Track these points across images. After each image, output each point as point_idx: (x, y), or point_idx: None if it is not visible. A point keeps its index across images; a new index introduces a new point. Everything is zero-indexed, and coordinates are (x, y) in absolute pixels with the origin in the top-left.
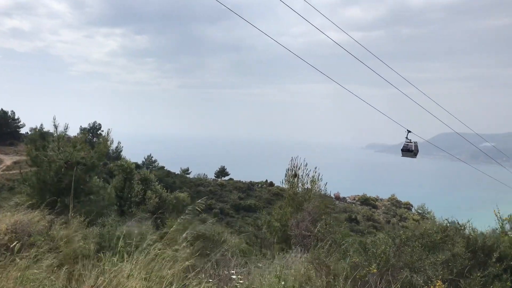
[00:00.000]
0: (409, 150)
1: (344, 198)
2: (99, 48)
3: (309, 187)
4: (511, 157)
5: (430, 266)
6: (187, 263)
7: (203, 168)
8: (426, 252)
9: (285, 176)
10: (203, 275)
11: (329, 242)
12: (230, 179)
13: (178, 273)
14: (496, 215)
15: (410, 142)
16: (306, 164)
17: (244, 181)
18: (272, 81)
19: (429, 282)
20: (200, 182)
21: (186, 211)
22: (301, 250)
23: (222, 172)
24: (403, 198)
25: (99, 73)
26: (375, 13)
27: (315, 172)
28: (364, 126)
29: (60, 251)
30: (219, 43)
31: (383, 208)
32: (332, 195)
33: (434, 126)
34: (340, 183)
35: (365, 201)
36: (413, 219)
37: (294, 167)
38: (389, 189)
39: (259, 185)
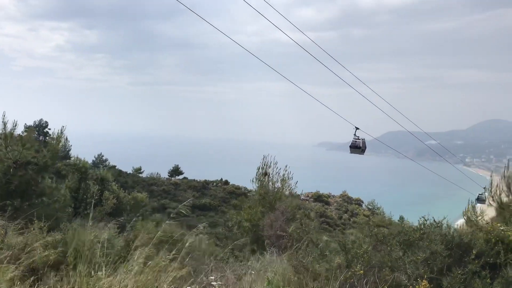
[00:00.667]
0: (357, 147)
1: (298, 195)
2: (44, 43)
3: (280, 186)
4: (456, 153)
5: (410, 264)
6: (183, 271)
7: (157, 167)
8: (403, 251)
9: (256, 175)
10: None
11: (306, 243)
12: (184, 178)
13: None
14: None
15: (358, 139)
16: (276, 162)
17: (198, 180)
18: (226, 79)
19: (415, 281)
20: (153, 181)
21: (144, 211)
22: (276, 252)
23: (176, 171)
24: (354, 195)
25: (44, 69)
26: (327, 14)
27: (285, 171)
28: (316, 125)
29: (21, 262)
30: (172, 40)
31: (335, 204)
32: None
33: (382, 125)
34: (293, 180)
35: (318, 198)
36: (364, 215)
37: (265, 165)
38: (340, 185)
39: (214, 184)
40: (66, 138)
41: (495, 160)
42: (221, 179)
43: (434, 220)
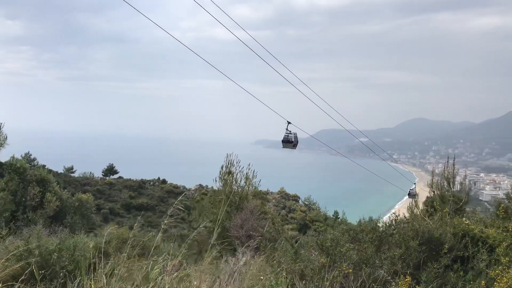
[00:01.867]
0: (289, 141)
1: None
2: None
3: (244, 184)
4: (385, 150)
5: (386, 260)
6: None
7: (90, 166)
8: (376, 247)
9: (219, 173)
10: None
11: (281, 242)
12: (120, 177)
13: None
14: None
15: (290, 133)
16: (239, 161)
17: (134, 179)
18: (161, 75)
19: (396, 277)
20: (86, 181)
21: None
22: (248, 253)
23: (110, 170)
24: (291, 191)
25: None
26: (263, 13)
27: (249, 169)
28: (253, 123)
29: None
30: (104, 34)
31: (273, 201)
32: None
33: (316, 123)
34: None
35: (257, 195)
36: (301, 210)
37: (229, 164)
38: (278, 182)
39: (151, 183)
40: (6, 137)
41: (419, 156)
42: (159, 178)
43: (404, 216)
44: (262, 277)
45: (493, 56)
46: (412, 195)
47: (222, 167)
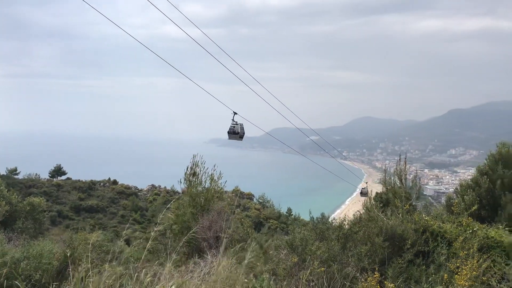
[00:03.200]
0: (235, 133)
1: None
2: None
3: (209, 185)
4: (335, 148)
5: (353, 257)
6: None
7: (35, 167)
8: (341, 244)
9: (184, 175)
10: None
11: (251, 242)
12: (68, 178)
13: None
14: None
15: (237, 124)
16: (204, 162)
17: (84, 180)
18: (112, 73)
19: (365, 273)
20: (32, 183)
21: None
22: (217, 254)
23: (58, 171)
24: (245, 189)
25: None
26: (215, 11)
27: (214, 170)
28: (206, 122)
29: None
30: (48, 29)
31: (228, 199)
32: None
33: (269, 122)
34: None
35: (220, 195)
36: (255, 208)
37: (194, 165)
38: (232, 181)
39: (102, 184)
40: None
41: (368, 153)
42: (109, 178)
43: (360, 213)
44: (246, 280)
45: (435, 57)
46: (364, 193)
47: (187, 168)
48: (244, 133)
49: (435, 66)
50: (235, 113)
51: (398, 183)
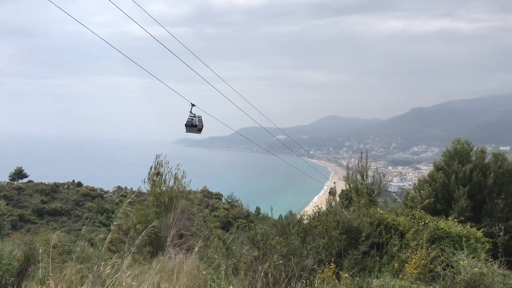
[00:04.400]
0: (193, 125)
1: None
2: None
3: (173, 184)
4: (302, 147)
5: (311, 250)
6: None
7: None
8: (301, 238)
9: (148, 174)
10: None
11: (213, 239)
12: (30, 181)
13: None
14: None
15: (195, 117)
16: (168, 161)
17: (47, 183)
18: (75, 72)
19: (322, 265)
20: None
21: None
22: (180, 251)
23: (18, 174)
24: (213, 189)
25: None
26: (180, 10)
27: (178, 170)
28: (173, 121)
29: None
30: (6, 26)
31: (197, 200)
32: None
33: (236, 122)
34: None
35: (186, 195)
36: (224, 208)
37: (157, 165)
38: (200, 181)
39: (65, 186)
40: None
41: (334, 151)
42: (73, 180)
43: (326, 208)
44: (204, 271)
45: (398, 57)
46: (332, 193)
47: (150, 168)
48: (202, 126)
49: (397, 66)
50: (193, 105)
51: (360, 180)
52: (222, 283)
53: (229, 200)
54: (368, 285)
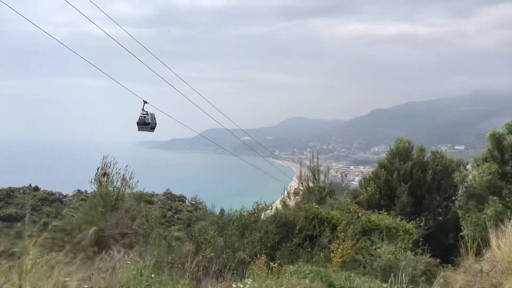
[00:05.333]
0: (145, 123)
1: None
2: None
3: (120, 185)
4: (267, 148)
5: (248, 244)
6: None
7: None
8: (241, 233)
9: (95, 175)
10: None
11: (154, 237)
12: None
13: None
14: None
15: (147, 114)
16: (116, 162)
17: (1, 188)
18: (32, 73)
19: (255, 257)
20: None
21: None
22: (122, 249)
23: None
24: (177, 191)
25: None
26: (144, 10)
27: (126, 170)
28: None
29: None
30: None
31: (159, 203)
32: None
33: (202, 123)
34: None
35: (141, 197)
36: (187, 211)
37: (104, 165)
38: (163, 183)
39: (21, 191)
40: None
41: (298, 152)
42: (30, 185)
43: (265, 204)
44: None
45: (359, 59)
46: (297, 193)
47: (97, 169)
48: (156, 124)
49: (359, 68)
50: (145, 102)
51: (311, 179)
52: (152, 275)
53: (193, 202)
54: (284, 271)
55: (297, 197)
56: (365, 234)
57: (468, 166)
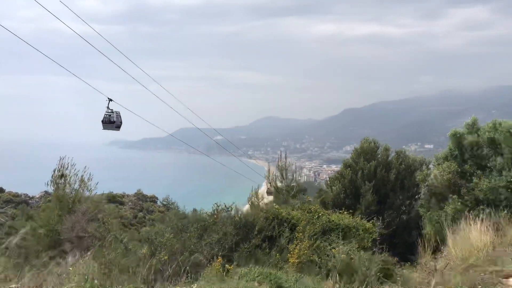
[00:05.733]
0: (110, 122)
1: (101, 195)
2: None
3: (78, 187)
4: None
5: (206, 246)
6: None
7: None
8: (199, 235)
9: (51, 177)
10: None
11: (110, 240)
12: None
13: None
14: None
15: (112, 112)
16: (74, 164)
17: None
18: None
19: (212, 259)
20: None
21: None
22: (78, 253)
23: None
24: (148, 192)
25: None
26: (114, 7)
27: (84, 172)
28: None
29: None
30: None
31: (130, 203)
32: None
33: (174, 123)
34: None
35: (112, 198)
36: (159, 211)
37: (61, 167)
38: (134, 184)
39: None
40: None
41: (271, 152)
42: None
43: (225, 205)
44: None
45: (331, 59)
46: (270, 193)
47: (54, 171)
48: (121, 122)
49: (331, 68)
50: (110, 100)
51: (279, 178)
52: (95, 281)
53: (165, 203)
54: (234, 273)
55: (269, 196)
56: (325, 234)
57: (430, 165)
